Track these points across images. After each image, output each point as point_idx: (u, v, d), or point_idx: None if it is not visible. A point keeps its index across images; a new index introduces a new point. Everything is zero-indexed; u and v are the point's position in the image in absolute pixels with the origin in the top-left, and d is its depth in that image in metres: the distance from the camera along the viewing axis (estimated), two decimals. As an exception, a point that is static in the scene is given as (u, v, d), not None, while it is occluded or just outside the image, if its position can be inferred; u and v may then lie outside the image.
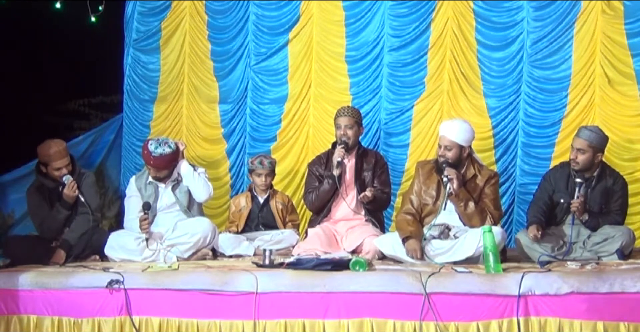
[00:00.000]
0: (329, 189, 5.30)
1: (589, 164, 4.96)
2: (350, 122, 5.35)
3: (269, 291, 4.10)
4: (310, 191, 5.42)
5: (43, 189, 5.09)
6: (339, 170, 5.26)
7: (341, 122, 5.37)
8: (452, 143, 4.92)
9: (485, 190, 4.94)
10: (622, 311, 3.94)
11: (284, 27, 6.90)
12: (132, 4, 7.15)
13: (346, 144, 5.30)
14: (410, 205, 5.00)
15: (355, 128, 5.37)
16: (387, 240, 4.89)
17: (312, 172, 5.48)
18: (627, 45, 6.17)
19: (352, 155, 5.41)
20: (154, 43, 7.12)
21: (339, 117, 5.41)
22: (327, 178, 5.31)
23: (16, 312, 4.29)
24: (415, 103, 6.62)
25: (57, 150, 4.99)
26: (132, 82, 7.15)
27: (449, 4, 6.56)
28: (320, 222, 5.34)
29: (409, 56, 6.65)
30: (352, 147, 5.38)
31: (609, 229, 4.85)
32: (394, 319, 4.02)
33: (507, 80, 6.45)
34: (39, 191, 5.10)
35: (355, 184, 5.35)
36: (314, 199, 5.37)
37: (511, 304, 3.97)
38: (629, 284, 3.97)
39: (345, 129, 5.34)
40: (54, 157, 4.98)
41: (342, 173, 5.32)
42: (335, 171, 5.25)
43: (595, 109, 6.23)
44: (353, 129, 5.35)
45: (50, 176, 5.02)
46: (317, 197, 5.35)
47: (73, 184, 4.99)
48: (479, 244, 4.51)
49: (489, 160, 6.34)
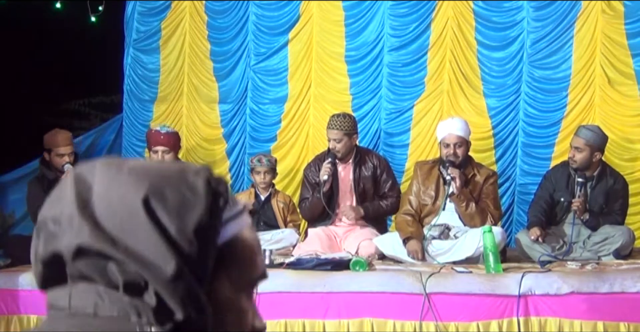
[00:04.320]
0: (318, 204, 5.21)
1: (587, 162, 4.95)
2: (339, 135, 5.17)
3: (269, 291, 4.09)
4: (303, 200, 5.41)
5: (44, 180, 5.14)
6: (327, 186, 5.15)
7: (329, 135, 5.24)
8: (461, 139, 4.91)
9: (485, 189, 4.94)
10: (622, 311, 3.94)
11: (284, 27, 6.90)
12: (132, 4, 7.15)
13: (334, 158, 5.20)
14: (409, 206, 4.99)
15: (345, 140, 5.19)
16: (387, 240, 4.89)
17: (306, 179, 5.43)
18: (627, 45, 6.17)
19: (349, 163, 5.31)
20: (154, 43, 7.12)
21: (328, 129, 5.28)
22: (316, 193, 5.23)
23: (16, 312, 4.29)
24: (415, 103, 6.62)
25: (63, 136, 5.13)
26: (132, 82, 7.14)
27: (449, 4, 6.55)
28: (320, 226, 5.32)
29: (409, 56, 6.64)
30: (344, 157, 5.25)
31: (609, 229, 4.85)
32: (394, 319, 4.02)
33: (507, 80, 6.45)
34: (39, 182, 5.16)
35: (355, 194, 5.29)
36: (306, 209, 5.34)
37: (511, 304, 3.97)
38: (629, 284, 3.98)
39: (333, 142, 5.19)
40: (59, 142, 5.06)
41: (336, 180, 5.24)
42: (323, 188, 5.14)
43: (595, 109, 6.23)
44: (342, 142, 5.17)
45: (53, 164, 5.07)
46: (309, 209, 5.31)
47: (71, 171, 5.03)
48: (479, 244, 4.51)
49: (489, 161, 6.33)
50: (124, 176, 0.82)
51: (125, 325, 0.78)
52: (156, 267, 0.77)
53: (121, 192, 0.80)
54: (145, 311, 0.77)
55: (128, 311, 0.78)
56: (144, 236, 0.78)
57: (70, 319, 0.79)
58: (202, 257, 0.79)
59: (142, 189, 0.80)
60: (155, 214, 0.79)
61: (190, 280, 0.78)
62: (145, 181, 0.81)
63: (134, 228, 0.78)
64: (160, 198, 0.80)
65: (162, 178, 0.82)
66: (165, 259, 0.77)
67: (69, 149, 5.10)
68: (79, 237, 0.78)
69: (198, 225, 0.79)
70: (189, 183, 0.82)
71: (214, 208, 0.81)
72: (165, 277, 0.77)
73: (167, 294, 0.77)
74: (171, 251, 0.77)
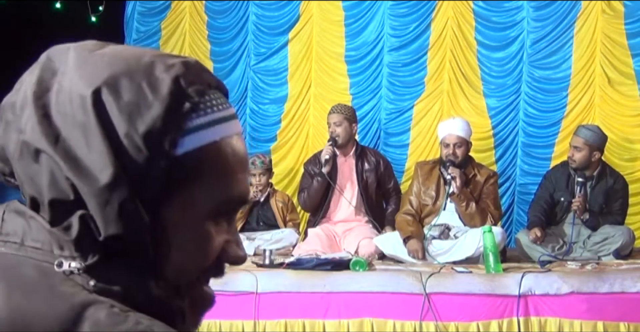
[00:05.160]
0: (318, 187, 5.25)
1: (586, 162, 4.95)
2: (339, 118, 5.23)
3: (269, 291, 4.10)
4: (303, 189, 5.42)
5: None
6: (328, 167, 5.21)
7: (330, 119, 5.30)
8: (461, 139, 4.92)
9: (485, 189, 4.94)
10: (622, 311, 3.94)
11: (284, 27, 6.90)
12: (132, 4, 7.15)
13: (334, 141, 5.24)
14: (410, 206, 5.00)
15: (345, 124, 5.23)
16: (387, 240, 4.89)
17: (306, 171, 5.46)
18: (627, 45, 6.17)
19: (350, 156, 5.35)
20: (154, 43, 7.12)
21: (328, 115, 5.35)
22: (316, 176, 5.29)
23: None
24: (415, 103, 6.62)
25: None
26: (132, 82, 7.15)
27: (449, 4, 6.56)
28: (318, 223, 5.33)
29: (409, 56, 6.64)
30: (343, 144, 5.26)
31: (609, 229, 4.85)
32: (394, 319, 4.02)
33: (507, 80, 6.45)
34: None
35: (359, 186, 5.32)
36: (306, 197, 5.35)
37: (511, 304, 3.97)
38: (629, 284, 3.98)
39: (334, 126, 5.23)
40: None
41: (335, 171, 5.29)
42: (323, 168, 5.22)
43: (595, 109, 6.23)
44: (342, 125, 5.22)
45: None
46: (308, 196, 5.33)
47: None
48: (479, 244, 4.51)
49: (489, 161, 6.33)
50: (91, 61, 0.71)
51: (48, 257, 0.69)
52: (90, 174, 0.67)
53: (77, 81, 0.69)
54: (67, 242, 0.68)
55: (51, 241, 0.69)
56: (86, 134, 0.67)
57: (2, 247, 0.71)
58: (149, 168, 0.68)
59: (99, 78, 0.69)
60: (103, 110, 0.68)
61: (127, 193, 0.67)
62: (106, 69, 0.70)
63: (79, 124, 0.68)
64: (113, 91, 0.68)
65: (126, 68, 0.70)
66: (102, 164, 0.67)
67: None
68: (24, 131, 0.69)
69: (150, 129, 0.68)
70: (153, 78, 0.69)
71: (174, 112, 0.69)
72: (97, 186, 0.67)
73: (96, 206, 0.67)
74: (111, 155, 0.67)
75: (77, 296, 0.66)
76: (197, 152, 0.70)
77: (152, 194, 0.68)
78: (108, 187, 0.66)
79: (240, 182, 0.74)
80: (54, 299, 0.66)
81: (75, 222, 0.68)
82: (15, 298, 0.66)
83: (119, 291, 0.68)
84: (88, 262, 0.68)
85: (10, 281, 0.67)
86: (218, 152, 0.71)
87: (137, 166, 0.67)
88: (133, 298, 0.68)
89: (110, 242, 0.67)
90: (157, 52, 0.73)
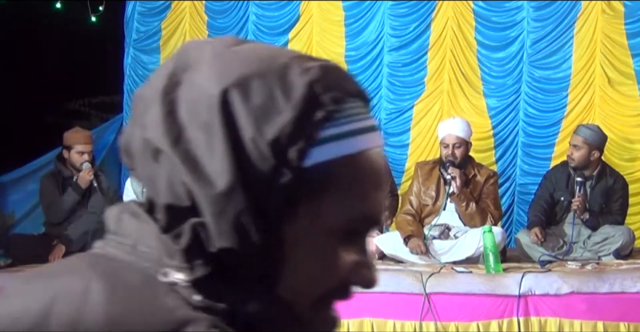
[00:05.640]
0: None
1: (585, 161, 4.95)
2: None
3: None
4: None
5: (58, 176, 5.21)
6: None
7: None
8: (460, 140, 4.92)
9: (485, 189, 4.95)
10: (622, 311, 3.94)
11: (284, 27, 6.90)
12: (132, 4, 7.15)
13: None
14: (410, 206, 5.00)
15: None
16: (387, 239, 4.89)
17: None
18: (627, 45, 6.17)
19: None
20: (154, 43, 7.12)
21: None
22: None
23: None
24: (415, 103, 6.62)
25: (84, 135, 5.25)
26: (132, 82, 7.14)
27: (449, 4, 6.56)
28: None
29: (409, 56, 6.64)
30: None
31: (609, 229, 4.85)
32: (394, 319, 4.02)
33: (507, 80, 6.45)
34: (54, 177, 5.23)
35: None
36: None
37: (511, 304, 3.97)
38: (629, 284, 3.98)
39: None
40: (80, 140, 5.14)
41: None
42: None
43: (595, 109, 6.23)
44: None
45: (71, 161, 5.12)
46: None
47: (90, 169, 5.09)
48: (479, 244, 4.51)
49: (489, 161, 6.33)
50: (225, 58, 0.66)
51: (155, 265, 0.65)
52: (207, 178, 0.62)
53: (207, 77, 0.65)
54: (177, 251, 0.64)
55: (161, 248, 0.65)
56: (208, 135, 0.63)
57: (115, 248, 0.67)
58: (273, 178, 0.62)
59: (229, 77, 0.64)
60: (230, 111, 0.63)
61: (245, 202, 0.62)
62: (239, 68, 0.65)
63: (203, 124, 0.63)
64: (243, 92, 0.64)
65: (259, 69, 0.65)
66: (221, 169, 0.62)
67: (89, 148, 5.19)
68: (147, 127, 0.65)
69: (278, 136, 0.62)
70: (286, 82, 0.64)
71: (305, 120, 0.63)
72: (213, 193, 0.62)
73: (210, 215, 0.62)
74: (232, 160, 0.62)
75: (177, 311, 0.62)
76: (328, 165, 0.64)
77: (273, 206, 0.63)
78: (225, 195, 0.62)
79: (374, 201, 0.68)
80: (154, 310, 0.62)
81: (187, 231, 0.63)
82: (115, 303, 0.62)
83: (224, 309, 0.63)
84: (195, 275, 0.63)
85: (113, 285, 0.63)
86: (352, 166, 0.66)
87: (260, 175, 0.62)
88: (240, 317, 0.64)
89: (222, 255, 0.63)
90: (296, 54, 0.68)
